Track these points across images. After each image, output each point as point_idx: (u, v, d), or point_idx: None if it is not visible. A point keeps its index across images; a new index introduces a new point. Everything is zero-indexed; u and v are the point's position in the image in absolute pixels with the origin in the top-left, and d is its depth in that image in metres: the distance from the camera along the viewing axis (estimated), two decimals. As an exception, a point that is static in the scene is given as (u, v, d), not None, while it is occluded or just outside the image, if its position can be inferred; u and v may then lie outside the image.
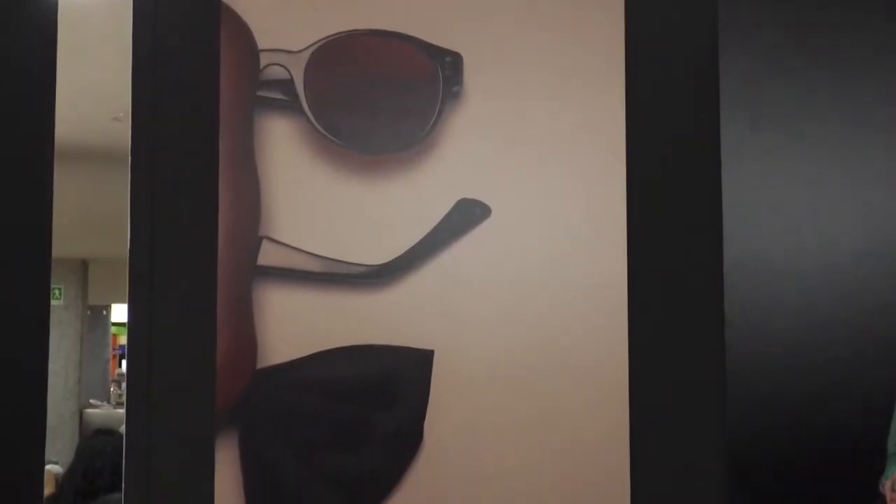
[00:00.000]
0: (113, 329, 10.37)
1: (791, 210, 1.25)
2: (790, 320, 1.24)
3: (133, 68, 1.27)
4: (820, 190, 1.25)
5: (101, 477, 3.10)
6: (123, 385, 1.32)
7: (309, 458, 1.23)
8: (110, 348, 10.32)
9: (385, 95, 1.25)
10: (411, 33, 1.26)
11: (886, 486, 1.21)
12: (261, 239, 1.24)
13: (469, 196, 1.25)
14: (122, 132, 1.34)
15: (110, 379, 10.04)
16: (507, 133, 1.26)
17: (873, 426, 1.22)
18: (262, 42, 1.25)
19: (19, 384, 1.22)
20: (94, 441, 3.31)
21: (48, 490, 3.42)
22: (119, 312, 10.16)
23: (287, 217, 1.25)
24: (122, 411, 1.32)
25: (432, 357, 1.24)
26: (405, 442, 1.23)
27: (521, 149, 1.26)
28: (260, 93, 1.25)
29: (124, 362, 1.28)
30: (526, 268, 1.25)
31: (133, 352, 1.24)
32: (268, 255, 1.24)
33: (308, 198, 1.25)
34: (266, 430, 1.23)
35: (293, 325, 1.24)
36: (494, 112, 1.26)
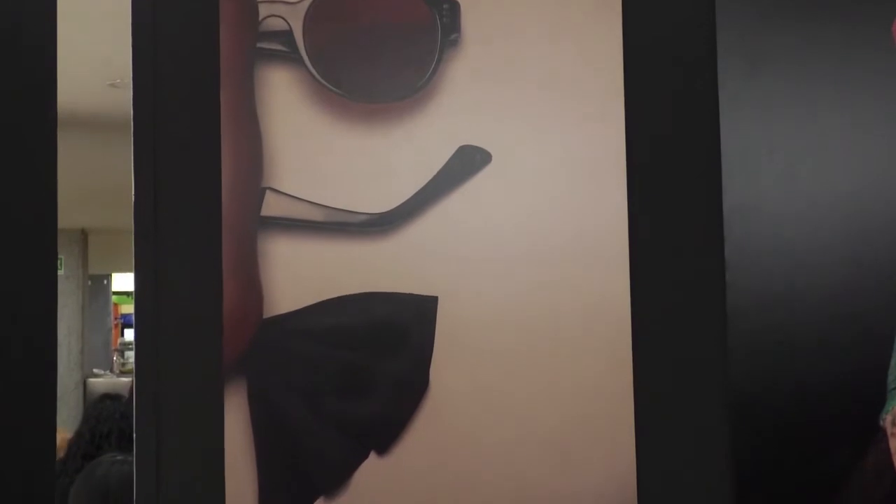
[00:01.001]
0: (114, 298, 10.40)
1: (789, 153, 1.26)
2: (790, 260, 1.25)
3: (133, 28, 1.27)
4: (818, 133, 1.26)
5: (108, 441, 3.13)
6: (126, 354, 1.32)
7: (316, 404, 1.25)
8: (112, 318, 10.35)
9: (384, 45, 1.26)
10: (409, -20, 1.27)
11: (887, 421, 1.23)
12: (264, 190, 1.25)
13: (469, 142, 1.26)
14: (118, 98, 1.35)
15: (113, 348, 10.08)
16: (506, 79, 1.26)
17: (874, 361, 1.24)
18: (261, -7, 1.26)
19: (29, 356, 1.23)
20: (101, 406, 3.33)
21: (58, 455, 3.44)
22: (120, 282, 10.18)
23: (289, 168, 1.26)
24: (125, 380, 1.33)
25: (436, 303, 1.25)
26: (411, 388, 1.25)
27: (521, 94, 1.26)
28: (259, 44, 1.26)
29: (126, 331, 1.30)
30: (528, 212, 1.26)
31: (140, 307, 1.26)
32: (271, 206, 1.26)
33: (309, 148, 1.26)
34: (274, 379, 1.25)
35: (298, 275, 1.25)
36: (493, 58, 1.26)
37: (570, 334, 1.25)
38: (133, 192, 1.26)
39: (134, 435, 1.26)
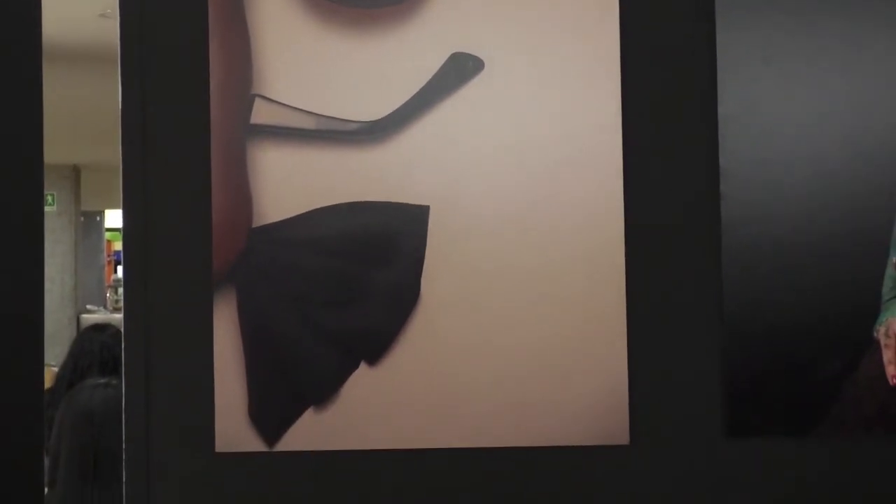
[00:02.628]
0: (107, 235, 10.38)
1: (784, 59, 1.24)
2: (785, 171, 1.23)
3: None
4: (815, 42, 1.24)
5: (90, 372, 3.14)
6: (119, 290, 1.31)
7: (306, 314, 1.24)
8: (105, 254, 10.34)
9: (375, -52, 1.24)
10: None
11: (880, 332, 1.22)
12: (253, 97, 1.24)
13: (462, 50, 1.24)
14: (110, 29, 1.32)
15: (106, 285, 10.07)
16: (499, -15, 1.24)
17: (868, 273, 1.23)
18: None
19: (16, 291, 1.22)
20: (85, 337, 3.35)
21: (46, 384, 3.46)
22: (113, 218, 10.15)
23: (279, 74, 1.24)
24: (118, 316, 1.32)
25: (428, 212, 1.24)
26: (403, 297, 1.24)
27: (515, 3, 1.24)
28: (248, -52, 1.23)
29: (119, 268, 1.28)
30: (520, 121, 1.24)
31: (128, 211, 1.24)
32: (261, 114, 1.24)
33: (300, 55, 1.24)
34: (263, 288, 1.24)
35: (288, 183, 1.23)
36: (486, -36, 1.24)
37: (562, 246, 1.24)
38: (120, 106, 1.24)
39: (122, 345, 1.25)
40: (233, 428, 1.24)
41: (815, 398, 1.23)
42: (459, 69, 1.24)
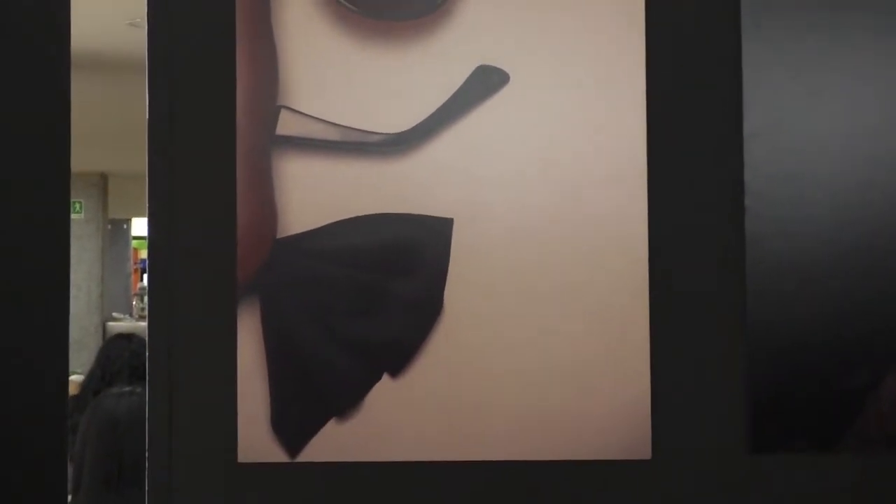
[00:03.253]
0: (134, 243, 10.44)
1: (811, 73, 1.24)
2: (810, 186, 1.23)
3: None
4: (843, 56, 1.24)
5: (119, 378, 3.16)
6: (145, 299, 1.32)
7: (330, 325, 1.24)
8: (131, 262, 10.40)
9: (402, -39, 1.24)
10: None
11: (905, 349, 1.22)
12: (279, 108, 1.24)
13: (487, 62, 1.24)
14: (139, 38, 1.33)
15: (132, 293, 10.13)
16: (525, -2, 1.25)
17: (893, 288, 1.22)
18: None
19: (42, 298, 1.23)
20: (112, 345, 3.37)
21: (72, 391, 3.48)
22: (140, 226, 10.21)
23: (305, 86, 1.24)
24: (144, 324, 1.33)
25: (452, 225, 1.24)
26: (425, 310, 1.24)
27: (539, 14, 1.24)
28: (276, -40, 1.24)
29: (146, 276, 1.29)
30: (545, 133, 1.24)
31: (155, 228, 1.25)
32: (286, 125, 1.24)
33: (325, 66, 1.24)
34: (287, 299, 1.24)
35: (313, 194, 1.24)
36: (512, -23, 1.24)
37: (587, 258, 1.24)
38: (147, 116, 1.25)
39: (147, 354, 1.26)
40: (255, 438, 1.24)
41: (839, 414, 1.22)
42: (485, 82, 1.24)
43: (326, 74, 1.24)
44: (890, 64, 1.24)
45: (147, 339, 1.26)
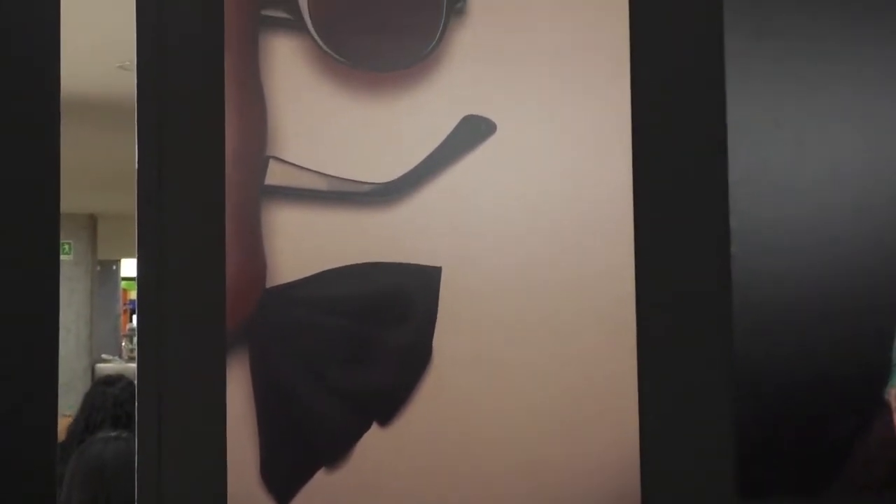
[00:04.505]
0: (123, 284, 10.42)
1: (796, 125, 1.25)
2: (795, 232, 1.24)
3: (137, 4, 1.27)
4: (824, 101, 1.25)
5: (103, 427, 3.15)
6: (135, 340, 1.32)
7: (319, 374, 1.24)
8: (121, 303, 10.38)
9: (389, 13, 1.26)
10: (414, -53, 1.26)
11: (892, 394, 1.22)
12: (268, 159, 1.25)
13: (474, 112, 1.25)
14: (127, 81, 1.34)
15: (121, 334, 10.10)
16: (511, 49, 1.26)
17: (879, 335, 1.23)
18: (266, -40, 1.25)
19: (31, 340, 1.23)
20: (95, 393, 3.36)
21: (60, 438, 3.47)
22: (129, 267, 10.20)
23: (293, 136, 1.25)
24: (133, 366, 1.33)
25: (440, 274, 1.25)
26: (415, 357, 1.24)
27: (525, 64, 1.26)
28: (264, 12, 1.25)
29: (135, 317, 1.29)
30: (532, 183, 1.25)
31: (143, 277, 1.25)
32: (275, 175, 1.25)
33: (314, 117, 1.25)
34: (276, 348, 1.24)
35: (301, 244, 1.24)
36: (499, 28, 1.26)
37: (574, 305, 1.25)
38: (136, 164, 1.26)
39: (136, 404, 1.26)
40: (244, 487, 1.24)
41: (827, 460, 1.22)
42: (472, 131, 1.25)
43: (315, 125, 1.25)
44: (870, 112, 1.25)
45: (136, 388, 1.26)
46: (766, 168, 1.25)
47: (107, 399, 3.21)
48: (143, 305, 1.25)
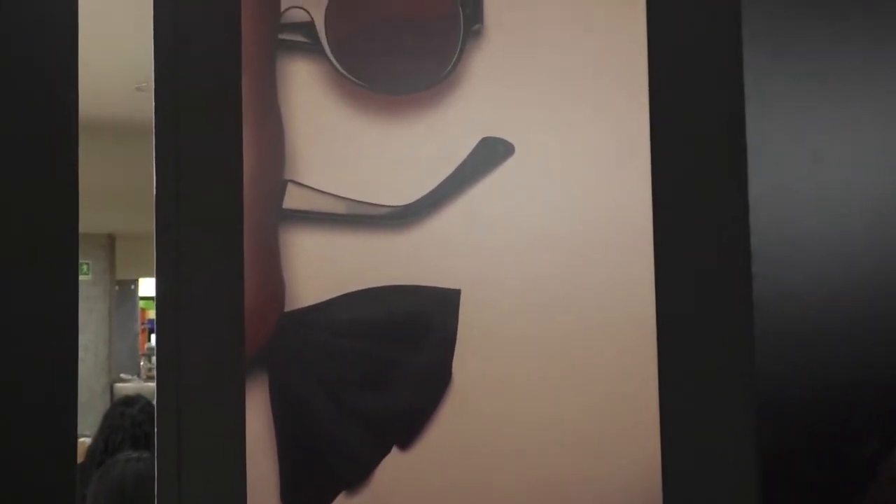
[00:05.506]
0: (141, 303, 10.45)
1: (817, 141, 1.25)
2: (817, 251, 1.23)
3: (154, 23, 1.27)
4: (844, 119, 1.25)
5: (122, 450, 3.16)
6: (153, 359, 1.32)
7: (338, 398, 1.24)
8: (139, 323, 10.41)
9: (406, 36, 1.26)
10: (431, -30, 1.26)
11: (916, 414, 1.22)
12: (286, 182, 1.25)
13: (492, 134, 1.25)
14: (145, 102, 1.35)
15: (140, 353, 10.13)
16: (528, 70, 1.26)
17: (902, 355, 1.22)
18: (282, -16, 1.26)
19: (50, 360, 1.23)
20: (113, 414, 3.38)
21: (80, 459, 3.49)
22: (147, 287, 10.23)
23: (311, 160, 1.25)
24: (152, 385, 1.34)
25: (459, 296, 1.24)
26: (434, 381, 1.24)
27: (543, 86, 1.25)
28: (281, 36, 1.25)
29: (153, 337, 1.30)
30: (551, 204, 1.25)
31: (162, 301, 1.26)
32: (293, 199, 1.25)
33: (332, 140, 1.25)
34: (295, 372, 1.24)
35: (320, 267, 1.24)
36: (515, 50, 1.26)
37: (595, 326, 1.24)
38: (154, 187, 1.26)
39: (155, 429, 1.26)
40: (265, 512, 1.24)
41: (852, 481, 1.21)
42: (490, 153, 1.25)
43: (333, 148, 1.25)
44: (890, 129, 1.25)
45: (156, 412, 1.26)
46: (785, 186, 1.24)
47: (125, 420, 3.22)
48: (163, 333, 1.26)
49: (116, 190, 6.45)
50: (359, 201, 1.25)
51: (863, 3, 1.25)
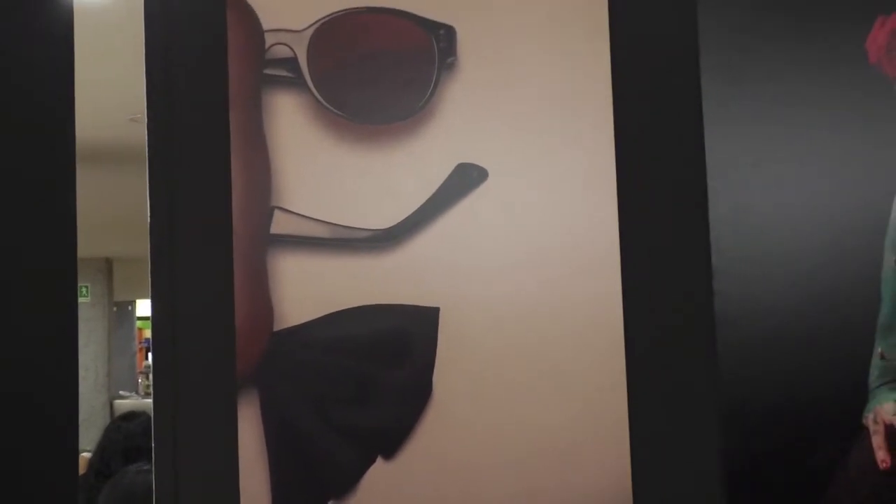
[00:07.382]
0: (138, 323, 10.49)
1: (773, 164, 1.31)
2: (775, 268, 1.30)
3: (146, 61, 1.33)
4: (800, 145, 1.31)
5: (115, 461, 3.21)
6: (151, 376, 1.37)
7: (325, 412, 1.30)
8: (136, 341, 10.44)
9: (384, 69, 1.32)
10: (405, 8, 1.33)
11: (869, 419, 1.28)
12: (273, 209, 1.32)
13: (467, 160, 1.32)
14: (139, 133, 1.40)
15: (138, 371, 10.16)
16: (501, 99, 1.32)
17: (857, 363, 1.29)
18: (267, 23, 1.32)
19: (52, 379, 1.27)
20: (112, 428, 3.43)
21: (81, 470, 3.55)
22: (144, 307, 10.26)
23: (297, 187, 1.31)
24: (150, 401, 1.38)
25: (438, 314, 1.31)
26: (415, 395, 1.30)
27: (515, 114, 1.32)
28: (266, 71, 1.32)
29: (150, 355, 1.34)
30: (523, 226, 1.32)
31: (157, 324, 1.31)
32: (280, 224, 1.31)
33: (315, 168, 1.32)
34: (284, 389, 1.30)
35: (306, 289, 1.31)
36: (489, 80, 1.33)
37: (567, 340, 1.31)
38: (148, 212, 1.32)
39: (153, 445, 1.31)
40: (257, 522, 1.29)
41: (811, 485, 1.28)
42: (465, 179, 1.32)
43: (317, 176, 1.31)
44: (846, 152, 1.31)
45: (153, 429, 1.31)
46: (745, 208, 1.31)
47: (120, 433, 3.28)
48: (159, 354, 1.31)
49: (113, 216, 6.49)
50: (342, 226, 1.31)
51: (812, 40, 1.32)
